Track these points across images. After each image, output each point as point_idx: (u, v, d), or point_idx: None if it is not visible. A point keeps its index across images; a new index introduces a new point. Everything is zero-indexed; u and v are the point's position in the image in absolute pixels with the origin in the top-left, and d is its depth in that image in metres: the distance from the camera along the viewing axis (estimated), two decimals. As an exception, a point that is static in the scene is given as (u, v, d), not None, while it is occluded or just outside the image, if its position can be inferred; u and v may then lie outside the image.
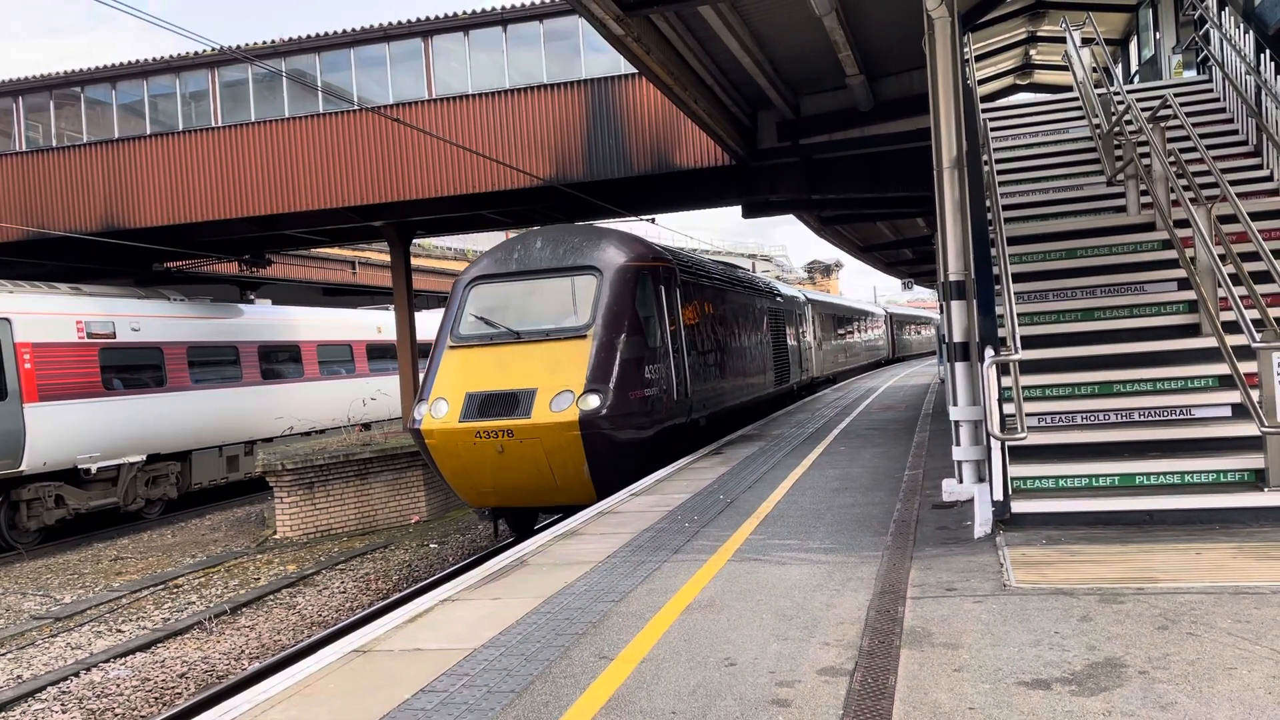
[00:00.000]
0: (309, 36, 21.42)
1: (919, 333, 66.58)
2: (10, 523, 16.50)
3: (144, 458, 18.75)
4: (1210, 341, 7.88)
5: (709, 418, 14.99)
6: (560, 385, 11.22)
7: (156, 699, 8.85)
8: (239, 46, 20.88)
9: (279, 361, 23.00)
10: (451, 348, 12.23)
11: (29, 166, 23.17)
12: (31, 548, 16.58)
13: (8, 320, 16.18)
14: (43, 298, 17.33)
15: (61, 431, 16.85)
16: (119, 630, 11.10)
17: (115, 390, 18.12)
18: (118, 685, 9.15)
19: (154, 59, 22.54)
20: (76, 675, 9.40)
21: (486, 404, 11.34)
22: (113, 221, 22.04)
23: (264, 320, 23.29)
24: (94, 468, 17.49)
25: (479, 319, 12.29)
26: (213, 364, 21.00)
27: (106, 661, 9.79)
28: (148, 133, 22.41)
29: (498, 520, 13.04)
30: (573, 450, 11.14)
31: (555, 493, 11.69)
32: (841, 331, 35.19)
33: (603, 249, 12.61)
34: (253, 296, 26.01)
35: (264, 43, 21.47)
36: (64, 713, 8.52)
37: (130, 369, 18.73)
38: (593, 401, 11.12)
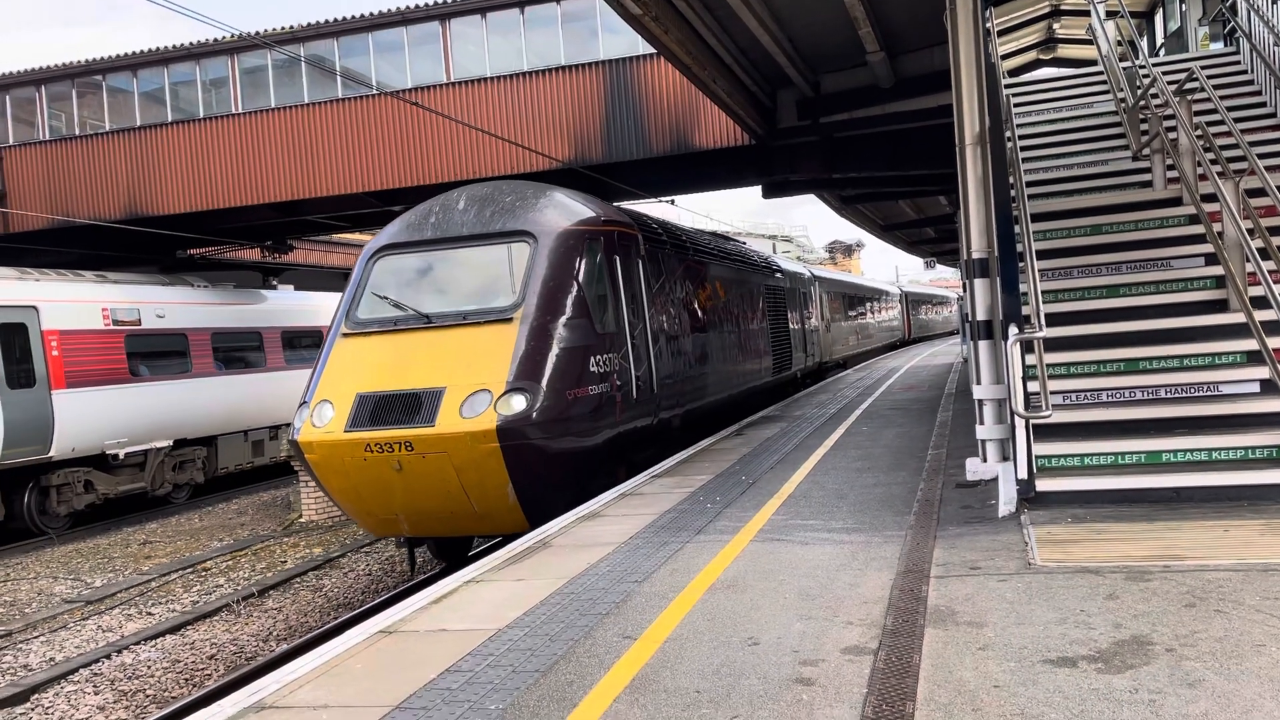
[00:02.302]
0: (327, 21, 21.44)
1: (937, 313, 64.64)
2: (41, 508, 16.72)
3: (171, 443, 18.94)
4: (1238, 317, 7.78)
5: (685, 416, 12.85)
6: (476, 383, 8.92)
7: (186, 680, 8.97)
8: (258, 33, 20.93)
9: (302, 346, 23.15)
10: (345, 336, 9.90)
11: (53, 155, 23.36)
12: (62, 533, 16.81)
13: (35, 308, 16.36)
14: (69, 285, 17.49)
15: (89, 418, 17.04)
16: (149, 613, 11.24)
17: (141, 376, 18.30)
18: (148, 667, 9.28)
19: (174, 46, 22.63)
20: (108, 657, 9.54)
21: (381, 408, 9.00)
22: (136, 209, 22.20)
23: (287, 306, 23.43)
24: (122, 453, 17.68)
25: (382, 299, 9.91)
26: (237, 349, 21.16)
27: (137, 644, 9.93)
28: (169, 120, 22.53)
29: (414, 548, 10.65)
30: (490, 467, 8.81)
31: (474, 520, 9.39)
32: (852, 312, 32.90)
33: (540, 209, 10.25)
34: (275, 282, 26.16)
35: (283, 28, 21.52)
36: (96, 694, 8.65)
37: (156, 355, 18.89)
38: (517, 404, 8.79)
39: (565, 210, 10.45)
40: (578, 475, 9.58)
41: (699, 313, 14.00)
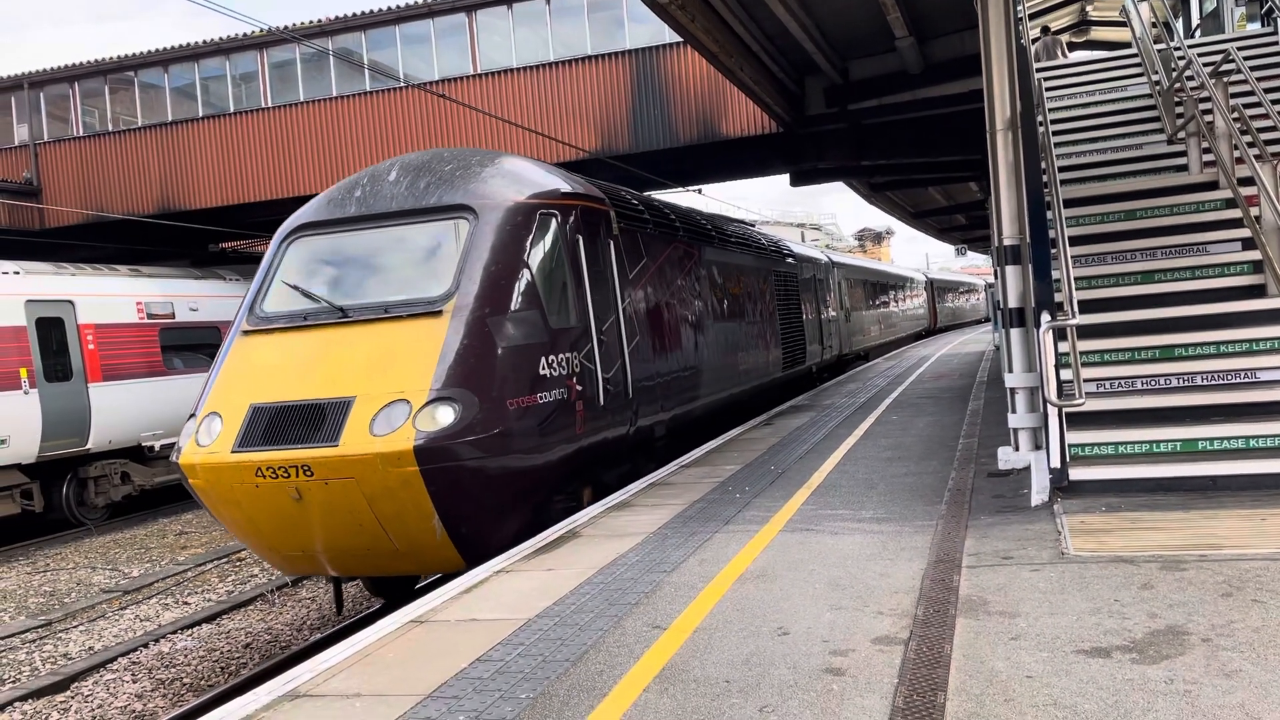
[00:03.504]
0: (355, 15, 21.55)
1: (965, 300, 62.61)
2: (79, 500, 16.99)
3: (205, 435, 19.15)
4: (1276, 302, 7.65)
5: (672, 423, 11.16)
6: (393, 391, 7.33)
7: (222, 669, 9.09)
8: (286, 27, 21.05)
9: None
10: (246, 333, 8.33)
11: (87, 151, 23.65)
12: (100, 524, 17.07)
13: (70, 302, 16.59)
14: (103, 280, 17.72)
15: (124, 410, 17.28)
16: (185, 603, 11.40)
17: (176, 369, 18.52)
18: (185, 655, 9.41)
19: (204, 41, 22.83)
20: (146, 646, 9.68)
21: (278, 423, 7.43)
22: (168, 204, 22.45)
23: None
24: (157, 445, 17.92)
25: (293, 288, 8.32)
26: (269, 342, 21.35)
27: (174, 632, 10.07)
28: (200, 115, 22.74)
29: (340, 585, 9.03)
30: (409, 496, 7.19)
31: (396, 559, 7.79)
32: (874, 300, 30.87)
33: (483, 179, 8.65)
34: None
35: (311, 22, 21.64)
36: (134, 682, 8.79)
37: (189, 348, 19.11)
38: (444, 416, 7.21)
39: (515, 180, 8.82)
40: (525, 501, 7.95)
41: (690, 302, 12.40)
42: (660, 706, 3.84)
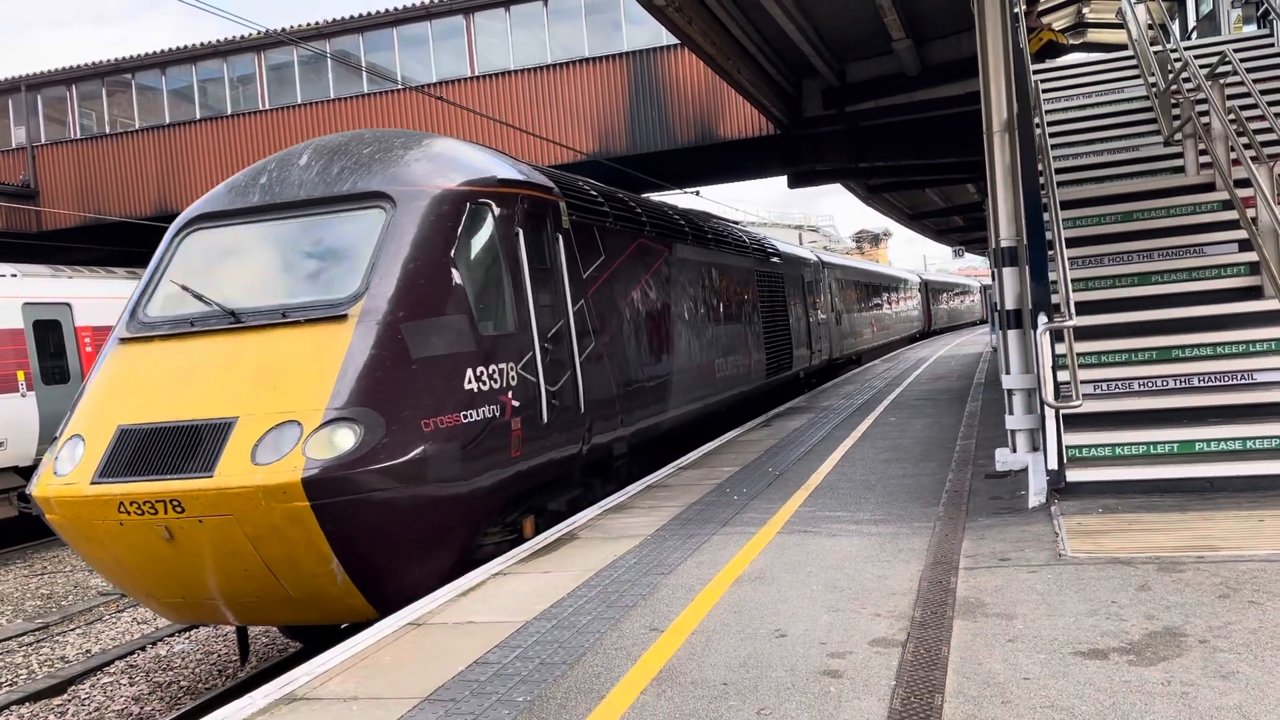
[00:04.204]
0: (352, 17, 21.56)
1: (959, 302, 61.69)
2: (76, 502, 16.98)
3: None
4: (1273, 304, 7.66)
5: (636, 439, 10.09)
6: (282, 410, 6.28)
7: (219, 672, 9.08)
8: (284, 29, 21.05)
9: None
10: (124, 341, 7.24)
11: (84, 153, 23.63)
12: (97, 526, 17.06)
13: (68, 305, 16.58)
14: (101, 282, 17.72)
15: (122, 413, 17.26)
16: (182, 605, 11.39)
17: (173, 372, 18.50)
18: (182, 659, 9.40)
19: (201, 44, 22.83)
20: (143, 649, 9.67)
21: (145, 449, 6.36)
22: (166, 206, 22.43)
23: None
24: (154, 448, 17.91)
25: (184, 290, 7.22)
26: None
27: (171, 636, 10.06)
28: (198, 117, 22.73)
29: (245, 633, 7.91)
30: (300, 535, 6.10)
31: (293, 608, 6.67)
32: (866, 302, 29.95)
33: (406, 163, 7.63)
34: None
35: (308, 24, 21.65)
36: (131, 685, 8.78)
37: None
38: (342, 440, 6.16)
39: (443, 164, 7.77)
40: (448, 538, 6.91)
41: (658, 304, 11.32)
42: (658, 709, 3.84)
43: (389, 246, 7.03)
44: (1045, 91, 13.09)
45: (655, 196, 21.15)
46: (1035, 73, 13.40)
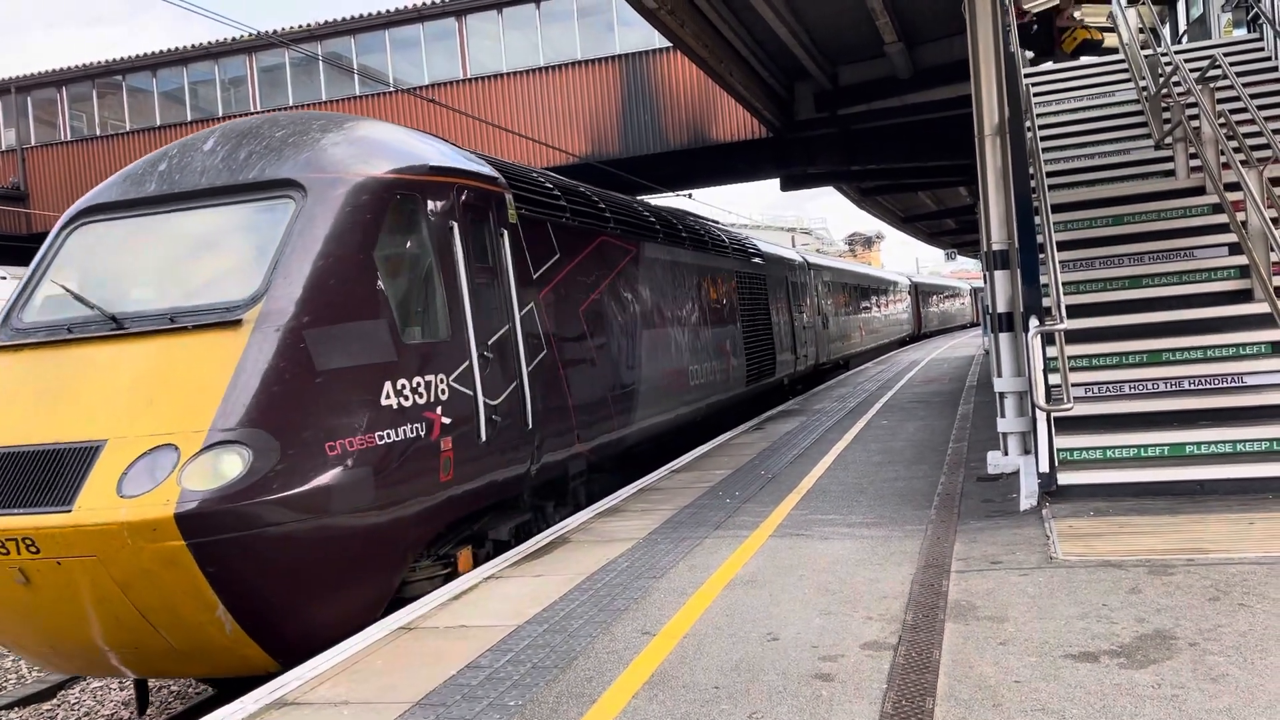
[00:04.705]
0: (344, 19, 21.54)
1: (950, 305, 61.14)
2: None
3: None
4: (1263, 307, 7.69)
5: (594, 456, 9.27)
6: (157, 432, 5.44)
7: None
8: (275, 31, 21.01)
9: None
10: None
11: (74, 155, 23.56)
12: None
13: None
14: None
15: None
16: (173, 609, 11.35)
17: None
18: (173, 662, 9.37)
19: (192, 46, 22.78)
20: (133, 653, 9.63)
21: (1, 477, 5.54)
22: (157, 208, 22.35)
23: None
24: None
25: (66, 291, 6.32)
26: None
27: (161, 639, 10.02)
28: (189, 119, 22.68)
29: (143, 682, 6.99)
30: (176, 580, 5.27)
31: (179, 660, 5.78)
32: (854, 305, 29.14)
33: (322, 149, 6.72)
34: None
35: (300, 26, 21.62)
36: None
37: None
38: (228, 467, 5.35)
39: (367, 150, 6.91)
40: (364, 575, 6.04)
41: (624, 307, 10.49)
42: (650, 713, 3.84)
43: (297, 241, 6.18)
44: (1036, 95, 13.13)
45: (648, 199, 21.11)
46: (1026, 76, 13.45)
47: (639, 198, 14.62)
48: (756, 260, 17.15)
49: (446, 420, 6.67)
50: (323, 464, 5.67)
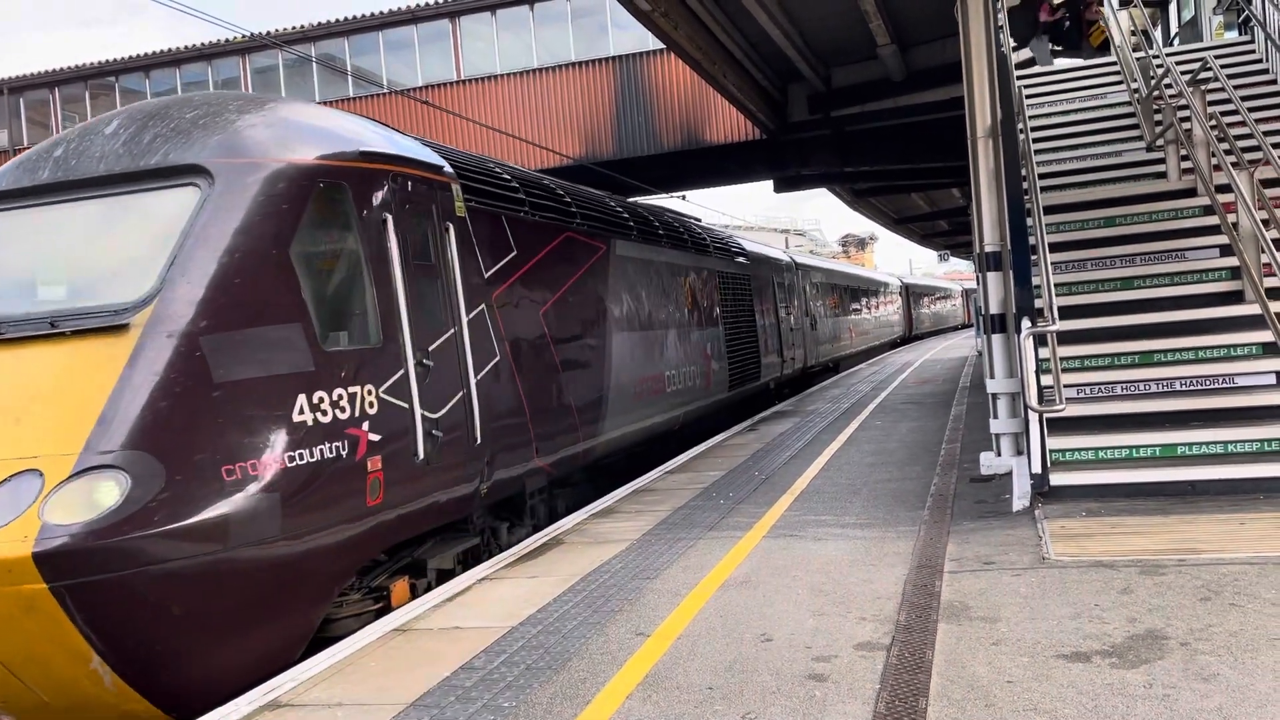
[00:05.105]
0: (338, 21, 21.52)
1: (941, 306, 60.69)
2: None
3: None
4: (1254, 308, 7.71)
5: (556, 470, 8.62)
6: (20, 455, 4.81)
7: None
8: (269, 33, 20.99)
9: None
10: None
11: (67, 157, 23.46)
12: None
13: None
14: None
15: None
16: (166, 611, 11.33)
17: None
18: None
19: (186, 47, 22.73)
20: (126, 655, 9.61)
21: None
22: (150, 209, 22.30)
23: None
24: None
25: None
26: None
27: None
28: (182, 121, 22.64)
29: None
30: (40, 627, 4.64)
31: (48, 715, 5.02)
32: (844, 306, 28.41)
33: (235, 132, 5.99)
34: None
35: (293, 28, 21.59)
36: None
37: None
38: (104, 496, 4.70)
39: (288, 133, 6.17)
40: (275, 614, 5.39)
41: (591, 309, 9.83)
42: (643, 714, 3.85)
43: (200, 235, 5.47)
44: (1029, 97, 13.17)
45: (642, 200, 21.04)
46: (1019, 78, 13.49)
47: (632, 199, 14.58)
48: (740, 260, 16.57)
49: (375, 437, 5.96)
50: (218, 490, 4.99)
